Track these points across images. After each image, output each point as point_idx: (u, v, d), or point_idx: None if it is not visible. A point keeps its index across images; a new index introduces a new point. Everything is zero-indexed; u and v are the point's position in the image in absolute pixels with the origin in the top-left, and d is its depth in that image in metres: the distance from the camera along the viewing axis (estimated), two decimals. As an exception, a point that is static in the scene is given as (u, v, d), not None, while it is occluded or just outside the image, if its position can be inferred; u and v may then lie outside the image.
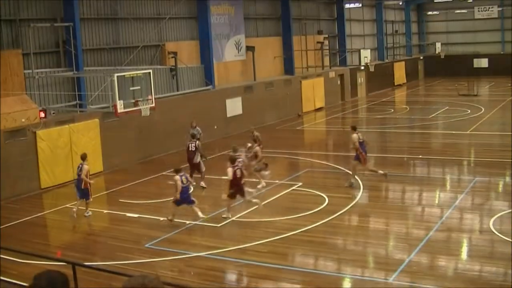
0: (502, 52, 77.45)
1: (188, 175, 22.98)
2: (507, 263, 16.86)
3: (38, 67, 29.44)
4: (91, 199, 23.37)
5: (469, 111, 47.39)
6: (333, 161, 32.07)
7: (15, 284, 13.41)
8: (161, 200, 25.01)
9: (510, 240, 18.40)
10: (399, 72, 72.64)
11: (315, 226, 20.63)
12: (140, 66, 34.60)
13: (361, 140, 26.15)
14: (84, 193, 23.11)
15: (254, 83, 44.80)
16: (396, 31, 75.83)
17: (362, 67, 60.29)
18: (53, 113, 29.59)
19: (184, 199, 21.52)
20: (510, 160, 29.80)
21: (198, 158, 26.63)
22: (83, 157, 23.59)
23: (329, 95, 54.68)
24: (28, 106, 27.48)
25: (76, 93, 30.82)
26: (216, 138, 38.96)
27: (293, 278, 16.79)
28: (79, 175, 23.15)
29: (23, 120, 26.97)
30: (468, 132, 38.40)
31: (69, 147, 29.13)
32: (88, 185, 23.12)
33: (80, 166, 23.25)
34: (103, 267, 15.06)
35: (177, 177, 21.40)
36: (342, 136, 41.85)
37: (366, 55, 59.47)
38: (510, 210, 21.60)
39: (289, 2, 49.22)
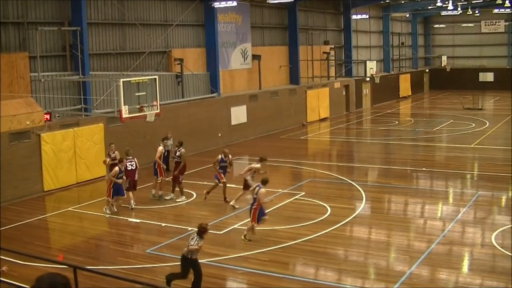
0: (508, 67, 77.56)
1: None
2: (508, 277, 16.84)
3: (44, 71, 29.53)
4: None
5: (474, 124, 47.40)
6: (336, 171, 32.05)
7: (16, 286, 13.41)
8: (164, 206, 25.08)
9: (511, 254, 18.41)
10: (405, 84, 72.66)
11: (316, 236, 20.63)
12: (146, 72, 34.69)
13: (166, 154, 26.22)
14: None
15: (259, 91, 44.85)
16: (403, 43, 75.95)
17: (368, 79, 60.25)
18: (58, 116, 29.67)
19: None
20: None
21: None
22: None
23: (334, 105, 54.74)
24: (33, 109, 27.55)
25: (82, 97, 30.89)
26: (220, 145, 38.98)
27: (294, 287, 16.77)
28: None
29: (28, 122, 27.04)
30: (472, 145, 38.38)
31: (73, 151, 29.18)
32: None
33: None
34: (104, 272, 15.04)
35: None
36: (345, 146, 41.93)
37: (372, 67, 59.47)
38: (512, 225, 21.59)
39: (296, 11, 49.32)
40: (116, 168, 23.93)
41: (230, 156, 26.12)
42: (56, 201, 26.98)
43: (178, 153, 26.30)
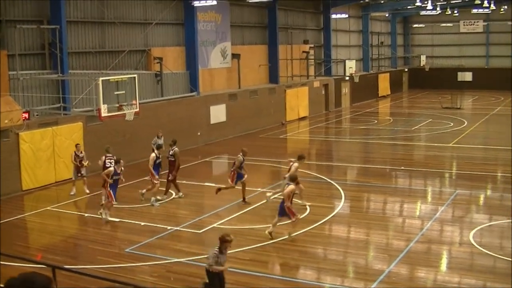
0: (486, 66, 78.04)
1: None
2: (486, 275, 16.99)
3: (23, 69, 29.36)
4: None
5: (452, 124, 47.64)
6: (315, 170, 32.11)
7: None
8: (143, 205, 25.01)
9: (490, 253, 18.54)
10: (384, 84, 72.90)
11: (296, 235, 20.66)
12: (125, 70, 34.59)
13: (159, 161, 25.88)
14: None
15: (238, 90, 44.86)
16: (382, 42, 76.24)
17: (347, 78, 60.50)
18: (37, 115, 29.52)
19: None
20: (492, 174, 30.06)
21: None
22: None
23: (313, 104, 54.81)
24: (11, 107, 27.36)
25: (60, 96, 30.71)
26: (199, 144, 39.03)
27: (273, 286, 16.80)
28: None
29: (6, 121, 26.83)
30: (450, 144, 38.60)
31: (52, 150, 29.05)
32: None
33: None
34: (83, 271, 15.00)
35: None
36: (325, 145, 42.03)
37: (351, 66, 59.76)
38: (490, 223, 21.77)
39: (276, 11, 49.34)
40: (111, 168, 23.48)
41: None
42: (35, 200, 26.84)
43: (171, 152, 26.18)
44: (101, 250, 19.99)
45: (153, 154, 25.78)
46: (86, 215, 24.20)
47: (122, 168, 23.64)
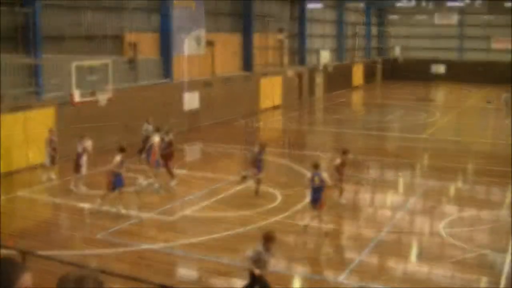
0: (460, 59, 78.49)
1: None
2: (455, 266, 17.17)
3: (-4, 52, 29.10)
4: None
5: (425, 115, 47.95)
6: (288, 159, 32.18)
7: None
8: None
9: (459, 243, 18.73)
10: (357, 74, 73.19)
11: (267, 223, 20.72)
12: (99, 55, 34.36)
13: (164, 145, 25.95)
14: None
15: (212, 78, 44.79)
16: (356, 33, 76.40)
17: (321, 67, 60.59)
18: (9, 99, 29.26)
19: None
20: (463, 165, 30.34)
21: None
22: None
23: (287, 93, 54.86)
24: (-17, 91, 27.16)
25: (33, 80, 30.47)
26: (173, 131, 38.89)
27: (243, 274, 16.84)
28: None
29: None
30: (422, 136, 38.84)
31: (24, 134, 28.84)
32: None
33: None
34: (55, 257, 14.97)
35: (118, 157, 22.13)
36: (297, 134, 42.13)
37: (326, 56, 59.90)
38: (460, 215, 21.99)
39: (251, -1, 49.30)
40: (118, 158, 22.67)
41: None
42: (7, 185, 26.65)
43: (166, 139, 26.16)
44: (73, 235, 19.95)
45: (157, 138, 25.56)
46: (58, 201, 24.09)
47: None
